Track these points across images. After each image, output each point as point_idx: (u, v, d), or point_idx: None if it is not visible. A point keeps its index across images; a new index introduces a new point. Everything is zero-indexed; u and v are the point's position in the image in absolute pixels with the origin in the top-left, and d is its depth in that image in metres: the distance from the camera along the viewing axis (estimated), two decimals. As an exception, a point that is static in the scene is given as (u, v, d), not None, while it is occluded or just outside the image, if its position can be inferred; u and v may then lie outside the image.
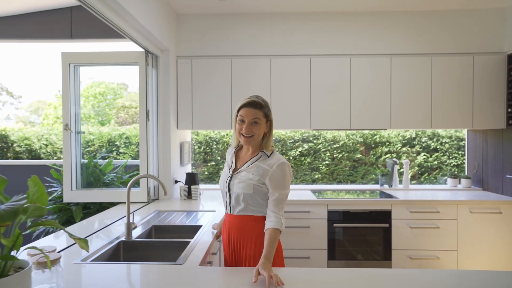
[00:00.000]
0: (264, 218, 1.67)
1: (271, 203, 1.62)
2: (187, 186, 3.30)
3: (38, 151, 6.77)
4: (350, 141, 4.14)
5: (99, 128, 7.11)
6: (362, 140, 4.15)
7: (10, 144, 6.66)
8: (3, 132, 6.67)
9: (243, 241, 1.69)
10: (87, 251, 1.11)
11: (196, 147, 4.21)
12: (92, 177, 3.28)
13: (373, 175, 4.11)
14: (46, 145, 6.75)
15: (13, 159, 6.54)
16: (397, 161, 3.86)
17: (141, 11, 2.55)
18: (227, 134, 4.17)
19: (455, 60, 3.44)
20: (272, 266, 1.50)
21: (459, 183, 3.86)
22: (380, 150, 4.13)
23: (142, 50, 3.06)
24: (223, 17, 3.53)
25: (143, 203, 3.07)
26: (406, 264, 3.19)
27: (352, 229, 3.22)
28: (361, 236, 3.22)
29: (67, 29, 4.09)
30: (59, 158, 5.67)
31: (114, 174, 3.38)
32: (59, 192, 3.30)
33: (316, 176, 4.11)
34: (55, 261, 1.21)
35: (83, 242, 1.09)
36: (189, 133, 4.07)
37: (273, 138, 1.99)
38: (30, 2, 3.84)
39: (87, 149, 6.80)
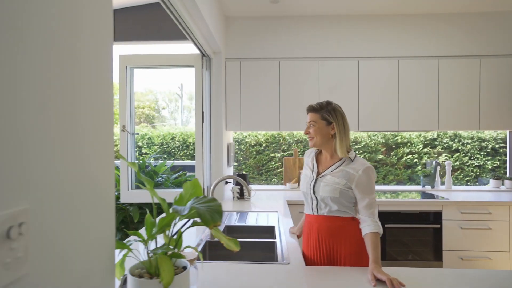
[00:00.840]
0: (351, 219, 1.72)
1: (364, 209, 1.66)
2: (239, 187, 3.34)
3: None
4: (372, 142, 4.17)
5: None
6: (383, 140, 4.17)
7: None
8: None
9: (337, 240, 1.72)
10: (236, 251, 1.15)
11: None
12: (147, 176, 3.32)
13: (394, 176, 4.14)
14: None
15: None
16: (440, 162, 3.89)
17: (208, 12, 2.60)
18: (248, 135, 4.21)
19: (505, 62, 3.46)
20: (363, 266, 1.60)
21: (502, 184, 3.88)
22: (401, 151, 4.14)
23: (198, 52, 3.11)
24: (271, 20, 3.57)
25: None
26: (457, 264, 3.22)
27: (401, 230, 3.25)
28: (411, 237, 3.25)
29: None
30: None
31: (166, 175, 3.42)
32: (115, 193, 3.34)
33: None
34: (193, 261, 1.25)
35: (233, 243, 1.13)
36: (232, 134, 4.11)
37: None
38: None
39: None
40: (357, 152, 4.06)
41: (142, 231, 1.82)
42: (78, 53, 0.71)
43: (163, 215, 1.13)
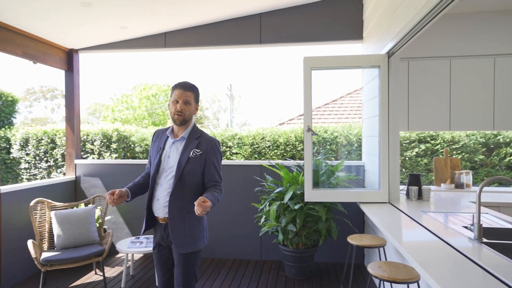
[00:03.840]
0: None
1: None
2: (417, 187, 3.33)
3: None
4: (471, 142, 4.00)
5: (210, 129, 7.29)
6: (483, 140, 3.99)
7: (131, 145, 7.05)
8: (125, 133, 7.07)
9: None
10: None
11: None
12: (325, 176, 3.39)
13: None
14: None
15: (131, 158, 6.91)
16: None
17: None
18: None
19: None
20: None
21: None
22: (504, 151, 3.94)
23: (383, 53, 3.12)
24: (440, 18, 3.53)
25: (381, 203, 3.13)
26: None
27: None
28: None
29: (256, 34, 4.27)
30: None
31: (344, 174, 3.47)
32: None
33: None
34: None
35: None
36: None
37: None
38: (225, 10, 4.03)
39: None
40: (454, 152, 3.91)
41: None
42: None
43: None
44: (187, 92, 2.06)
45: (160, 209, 2.07)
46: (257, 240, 4.29)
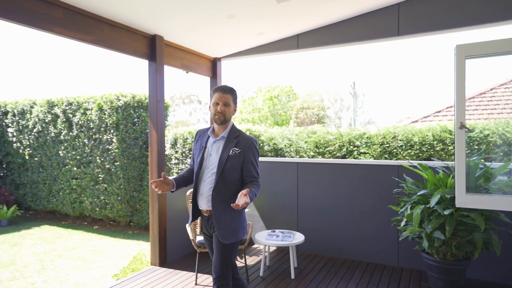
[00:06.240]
0: None
1: None
2: None
3: (283, 150, 7.31)
4: None
5: (276, 128, 7.09)
6: None
7: (260, 144, 7.40)
8: (255, 133, 7.47)
9: None
10: None
11: None
12: (482, 179, 2.96)
13: None
14: (290, 145, 7.21)
15: (260, 156, 7.24)
16: None
17: None
18: None
19: None
20: None
21: None
22: None
23: None
24: None
25: None
26: None
27: None
28: None
29: (393, 26, 4.00)
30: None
31: (506, 178, 2.97)
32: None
33: None
34: None
35: None
36: None
37: None
38: (358, 5, 3.87)
39: (327, 148, 6.95)
40: None
41: None
42: None
43: None
44: (226, 95, 2.23)
45: (204, 202, 2.27)
46: (393, 244, 4.03)
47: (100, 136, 6.62)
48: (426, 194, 3.26)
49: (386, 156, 6.32)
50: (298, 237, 3.86)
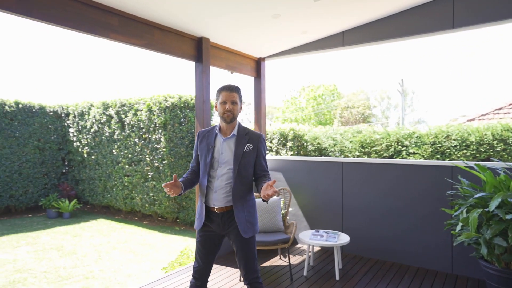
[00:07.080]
0: None
1: None
2: None
3: (327, 149, 7.15)
4: None
5: (321, 128, 6.71)
6: None
7: (303, 143, 7.31)
8: (299, 132, 7.39)
9: None
10: None
11: None
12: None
13: None
14: (335, 144, 7.04)
15: (304, 155, 7.14)
16: None
17: None
18: None
19: None
20: None
21: None
22: None
23: None
24: None
25: None
26: None
27: None
28: None
29: (448, 18, 3.77)
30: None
31: None
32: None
33: None
34: None
35: None
36: None
37: None
38: None
39: (373, 148, 6.68)
40: None
41: None
42: None
43: None
44: (233, 93, 2.30)
45: (219, 200, 2.27)
46: (446, 249, 3.81)
47: (149, 136, 6.97)
48: (484, 197, 3.03)
49: (438, 156, 5.98)
50: (343, 238, 3.78)
